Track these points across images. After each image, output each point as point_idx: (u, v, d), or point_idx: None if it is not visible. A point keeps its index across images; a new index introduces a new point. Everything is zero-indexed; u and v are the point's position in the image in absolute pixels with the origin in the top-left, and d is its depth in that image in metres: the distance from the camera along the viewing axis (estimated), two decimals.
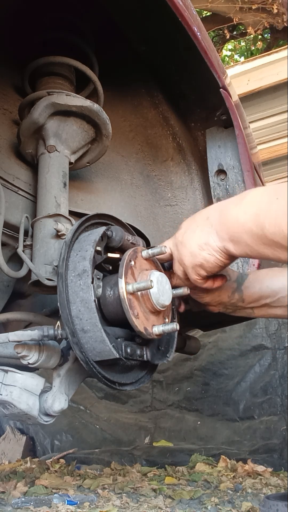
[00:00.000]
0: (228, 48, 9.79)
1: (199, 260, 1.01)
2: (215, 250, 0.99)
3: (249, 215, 0.90)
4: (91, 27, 1.44)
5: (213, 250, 0.99)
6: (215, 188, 1.61)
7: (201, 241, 1.00)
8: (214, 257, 1.00)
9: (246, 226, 0.91)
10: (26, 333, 1.03)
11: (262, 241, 0.89)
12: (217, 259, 1.00)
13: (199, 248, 1.01)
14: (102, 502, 2.12)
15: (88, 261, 1.02)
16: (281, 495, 1.83)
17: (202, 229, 1.01)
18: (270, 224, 0.86)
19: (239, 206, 0.94)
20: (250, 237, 0.90)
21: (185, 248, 1.04)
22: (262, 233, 0.87)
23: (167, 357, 1.17)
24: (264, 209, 0.88)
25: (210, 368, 3.50)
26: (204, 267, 1.02)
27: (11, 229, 1.37)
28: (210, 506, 2.03)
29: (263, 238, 0.88)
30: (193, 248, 1.02)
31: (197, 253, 1.01)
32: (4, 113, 1.45)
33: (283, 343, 3.30)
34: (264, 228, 0.87)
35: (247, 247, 0.93)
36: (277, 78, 4.24)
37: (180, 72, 1.50)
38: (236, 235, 0.94)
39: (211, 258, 1.00)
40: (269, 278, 1.21)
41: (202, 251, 1.00)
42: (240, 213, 0.93)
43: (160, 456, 3.13)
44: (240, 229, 0.92)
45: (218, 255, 0.99)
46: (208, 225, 1.00)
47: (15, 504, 2.09)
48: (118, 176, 1.70)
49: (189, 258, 1.03)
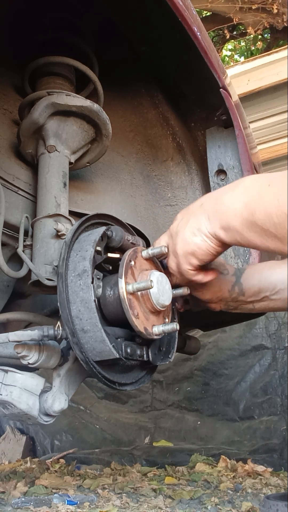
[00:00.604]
0: (228, 48, 9.79)
1: (191, 247, 1.00)
2: (207, 236, 0.98)
3: (241, 202, 0.90)
4: (91, 27, 1.44)
5: (205, 236, 0.98)
6: (215, 188, 1.61)
7: (193, 227, 0.99)
8: (205, 243, 0.99)
9: (237, 212, 0.90)
10: (26, 333, 1.03)
11: (252, 228, 0.88)
12: (209, 245, 0.99)
13: (191, 234, 1.00)
14: (102, 502, 2.12)
15: (88, 261, 1.02)
16: (281, 495, 1.83)
17: (195, 216, 1.00)
18: (260, 211, 0.86)
19: (232, 192, 0.94)
20: (241, 224, 0.90)
21: (178, 236, 1.03)
22: (253, 219, 0.87)
23: (169, 358, 1.17)
24: (255, 196, 0.88)
25: (210, 368, 3.50)
26: (196, 255, 1.01)
27: (11, 229, 1.37)
28: (210, 506, 2.03)
29: (253, 225, 0.88)
30: (186, 235, 1.01)
31: (189, 240, 1.00)
32: (4, 113, 1.45)
33: (283, 343, 3.31)
34: (254, 215, 0.87)
35: (238, 234, 0.92)
36: (277, 78, 4.24)
37: (180, 72, 1.49)
38: (227, 221, 0.93)
39: (202, 244, 0.99)
40: (267, 270, 1.21)
41: (194, 237, 0.99)
42: (233, 199, 0.92)
43: (160, 456, 3.13)
44: (231, 215, 0.92)
45: (210, 241, 0.98)
46: (201, 211, 0.99)
47: (15, 504, 2.09)
48: (118, 176, 1.70)
49: (181, 245, 1.02)
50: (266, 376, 3.28)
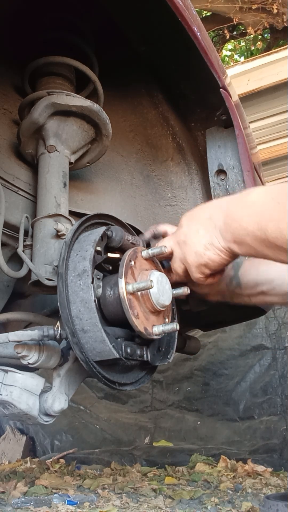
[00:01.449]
0: (228, 48, 9.78)
1: (204, 259, 1.05)
2: (220, 250, 1.02)
3: (252, 219, 0.94)
4: (91, 27, 1.44)
5: (218, 250, 1.03)
6: (215, 188, 1.61)
7: (205, 242, 1.04)
8: (219, 256, 1.03)
9: (249, 229, 0.94)
10: (26, 333, 1.03)
11: (264, 244, 0.92)
12: (222, 258, 1.04)
13: (204, 248, 1.04)
14: (102, 502, 2.12)
15: (88, 261, 1.02)
16: (281, 495, 1.83)
17: (206, 229, 1.04)
18: (272, 229, 0.89)
19: (242, 208, 0.97)
20: (253, 240, 0.94)
21: (189, 248, 1.07)
22: (265, 236, 0.91)
23: (168, 358, 1.17)
24: (266, 214, 0.91)
25: (210, 368, 3.50)
26: (209, 266, 1.06)
27: (11, 229, 1.37)
28: (210, 506, 2.03)
29: (265, 241, 0.91)
30: (198, 248, 1.05)
31: (202, 253, 1.05)
32: (4, 113, 1.45)
33: (283, 343, 3.31)
34: (266, 232, 0.90)
35: (251, 248, 0.96)
36: (277, 78, 4.24)
37: (180, 72, 1.49)
38: (240, 237, 0.97)
39: (216, 258, 1.04)
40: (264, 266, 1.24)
41: (207, 251, 1.04)
42: (244, 216, 0.96)
43: (160, 456, 3.13)
44: (244, 231, 0.96)
45: (223, 255, 1.03)
46: (212, 226, 1.03)
47: (15, 504, 2.09)
48: (118, 176, 1.70)
49: (193, 257, 1.07)
50: (266, 376, 3.28)
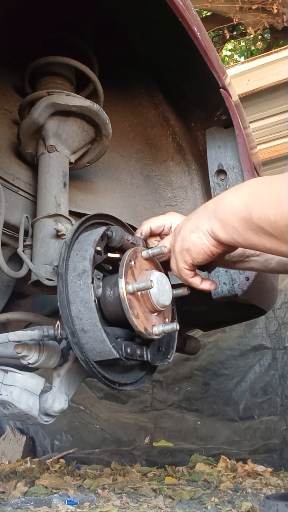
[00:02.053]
0: (228, 48, 9.78)
1: (187, 243, 1.01)
2: (204, 233, 0.98)
3: (239, 197, 0.92)
4: (91, 27, 1.44)
5: (202, 233, 0.99)
6: (215, 188, 1.61)
7: (193, 225, 1.01)
8: (201, 240, 0.99)
9: (235, 209, 0.91)
10: (26, 333, 1.03)
11: (248, 225, 0.89)
12: (203, 243, 0.99)
13: (189, 231, 1.01)
14: (102, 502, 2.12)
15: (88, 261, 1.02)
16: (281, 495, 1.83)
17: (197, 215, 1.02)
18: (257, 209, 0.86)
19: (234, 192, 0.95)
20: (238, 221, 0.91)
21: (179, 235, 1.04)
22: (249, 217, 0.88)
23: (168, 358, 1.17)
24: (254, 194, 0.89)
25: (210, 368, 3.51)
26: (190, 252, 1.01)
27: (11, 229, 1.37)
28: (210, 506, 2.03)
29: (249, 223, 0.88)
30: (185, 233, 1.02)
31: (187, 236, 1.01)
32: (4, 113, 1.45)
33: (283, 343, 3.31)
34: (251, 212, 0.87)
35: (235, 231, 0.92)
36: (277, 78, 4.24)
37: (180, 72, 1.49)
38: (225, 217, 0.94)
39: (198, 241, 0.99)
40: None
41: (191, 233, 1.00)
42: (233, 198, 0.94)
43: (160, 456, 3.13)
44: (230, 211, 0.93)
45: (205, 239, 0.98)
46: (204, 211, 1.01)
47: (15, 504, 2.09)
48: (118, 176, 1.70)
49: (179, 242, 1.03)
50: (266, 376, 3.28)
